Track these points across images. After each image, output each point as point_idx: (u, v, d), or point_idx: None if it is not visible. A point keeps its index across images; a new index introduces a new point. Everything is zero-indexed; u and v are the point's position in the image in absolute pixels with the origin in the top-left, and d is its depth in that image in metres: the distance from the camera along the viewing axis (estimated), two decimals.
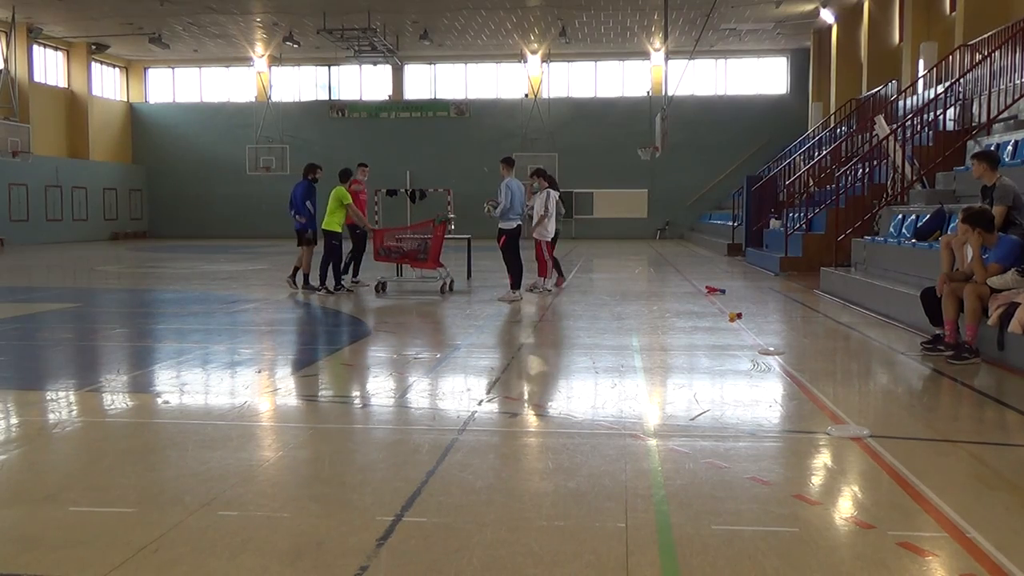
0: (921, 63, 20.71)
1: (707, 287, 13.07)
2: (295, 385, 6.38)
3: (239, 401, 5.96)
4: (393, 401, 5.95)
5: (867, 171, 15.99)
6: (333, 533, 3.41)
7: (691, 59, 26.28)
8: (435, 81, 37.32)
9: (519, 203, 12.03)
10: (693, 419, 5.21)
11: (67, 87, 34.35)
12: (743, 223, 21.93)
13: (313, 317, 10.78)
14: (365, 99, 37.29)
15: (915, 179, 14.12)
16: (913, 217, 11.36)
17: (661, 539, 3.34)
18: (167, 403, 5.87)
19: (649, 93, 34.88)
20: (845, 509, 3.71)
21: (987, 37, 15.31)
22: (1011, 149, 11.28)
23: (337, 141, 35.26)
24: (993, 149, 11.25)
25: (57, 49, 33.64)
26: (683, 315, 10.33)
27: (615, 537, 3.34)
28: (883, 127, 16.20)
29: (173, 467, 4.35)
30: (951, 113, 15.11)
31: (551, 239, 12.73)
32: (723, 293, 12.46)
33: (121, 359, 7.79)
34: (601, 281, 15.52)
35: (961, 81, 15.02)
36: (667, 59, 33.86)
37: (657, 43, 33.06)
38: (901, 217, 11.97)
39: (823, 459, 4.50)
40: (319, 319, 10.64)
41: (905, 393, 6.43)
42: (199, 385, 6.55)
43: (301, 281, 13.00)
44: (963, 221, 7.21)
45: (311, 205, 13.01)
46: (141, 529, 3.44)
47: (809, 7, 27.73)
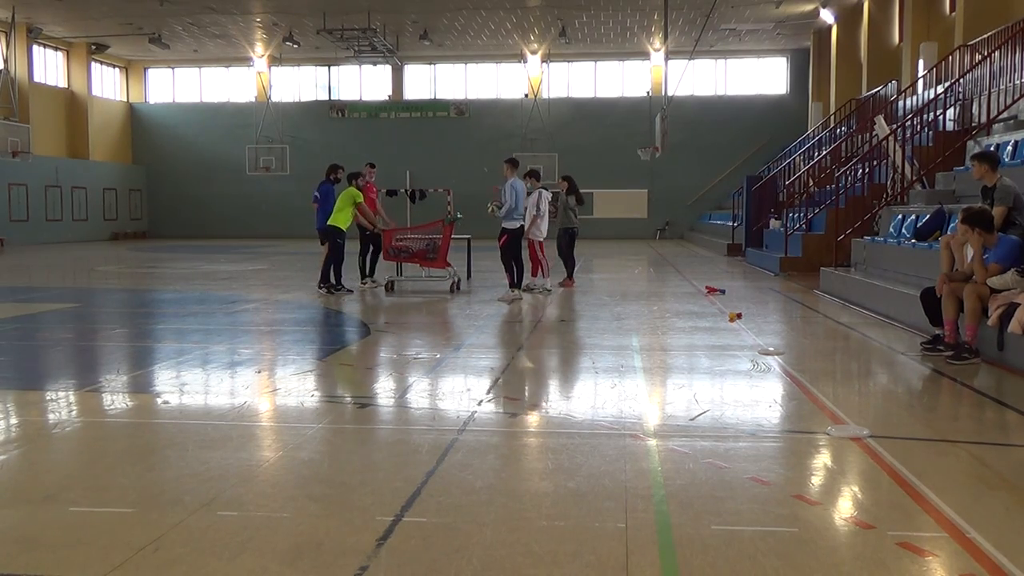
0: (921, 63, 20.71)
1: (707, 287, 13.07)
2: (295, 385, 6.37)
3: (239, 401, 5.96)
4: (393, 401, 5.95)
5: (867, 171, 15.99)
6: (333, 533, 3.41)
7: (691, 59, 26.28)
8: (435, 81, 37.32)
9: (522, 203, 12.21)
10: (693, 419, 5.21)
11: (67, 87, 34.34)
12: (743, 223, 21.92)
13: (313, 317, 10.78)
14: (365, 99, 37.30)
15: (915, 179, 14.12)
16: (913, 217, 11.36)
17: (661, 539, 3.34)
18: (167, 403, 5.87)
19: (649, 93, 34.86)
20: (845, 509, 3.71)
21: (987, 37, 15.32)
22: (1011, 149, 11.28)
23: (337, 141, 35.25)
24: (993, 149, 11.26)
25: (57, 49, 33.63)
26: (683, 315, 10.34)
27: (615, 537, 3.34)
28: (883, 127, 16.20)
29: (173, 467, 4.35)
30: (951, 113, 15.10)
31: (543, 239, 13.02)
32: (723, 293, 12.46)
33: (121, 359, 7.79)
34: (601, 281, 15.52)
35: (961, 81, 15.02)
36: (667, 59, 33.85)
37: (657, 43, 33.06)
38: (901, 217, 11.97)
39: (823, 459, 4.50)
40: (319, 319, 10.64)
41: (905, 393, 6.43)
42: (199, 385, 6.55)
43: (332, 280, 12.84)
44: (963, 221, 7.21)
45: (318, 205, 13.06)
46: (141, 529, 3.44)
47: (809, 7, 27.73)
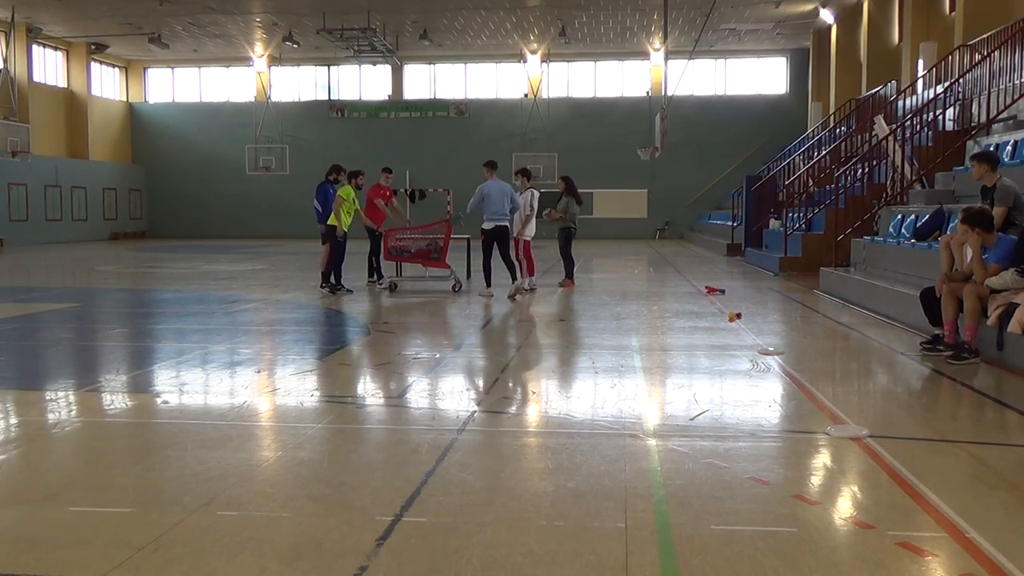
0: (921, 63, 20.71)
1: (707, 287, 13.07)
2: (294, 385, 6.37)
3: (238, 401, 5.96)
4: (393, 401, 5.96)
5: (867, 171, 15.99)
6: (332, 533, 3.41)
7: (691, 59, 26.26)
8: (435, 81, 37.32)
9: (495, 205, 12.27)
10: (693, 419, 5.21)
11: (67, 87, 34.33)
12: (743, 223, 21.93)
13: (313, 317, 10.78)
14: (365, 99, 37.29)
15: (914, 179, 14.13)
16: (912, 217, 11.36)
17: (661, 539, 3.34)
18: (167, 403, 5.86)
19: (649, 93, 34.87)
20: (844, 509, 3.71)
21: (987, 37, 15.33)
22: (1011, 149, 11.28)
23: (337, 141, 35.26)
24: (992, 149, 11.26)
25: (57, 49, 33.62)
26: (683, 315, 10.34)
27: (615, 537, 3.34)
28: (883, 127, 16.20)
29: (173, 467, 4.35)
30: (950, 113, 15.11)
31: (532, 237, 13.35)
32: (723, 293, 12.46)
33: (121, 359, 7.79)
34: (601, 281, 15.52)
35: (960, 81, 15.03)
36: (667, 59, 33.84)
37: (657, 43, 33.05)
38: (900, 217, 11.97)
39: (823, 459, 4.50)
40: (319, 319, 10.64)
41: (904, 393, 6.43)
42: (198, 385, 6.55)
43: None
44: (962, 221, 7.21)
45: (318, 205, 13.04)
46: (141, 529, 3.44)
47: (809, 7, 27.74)
